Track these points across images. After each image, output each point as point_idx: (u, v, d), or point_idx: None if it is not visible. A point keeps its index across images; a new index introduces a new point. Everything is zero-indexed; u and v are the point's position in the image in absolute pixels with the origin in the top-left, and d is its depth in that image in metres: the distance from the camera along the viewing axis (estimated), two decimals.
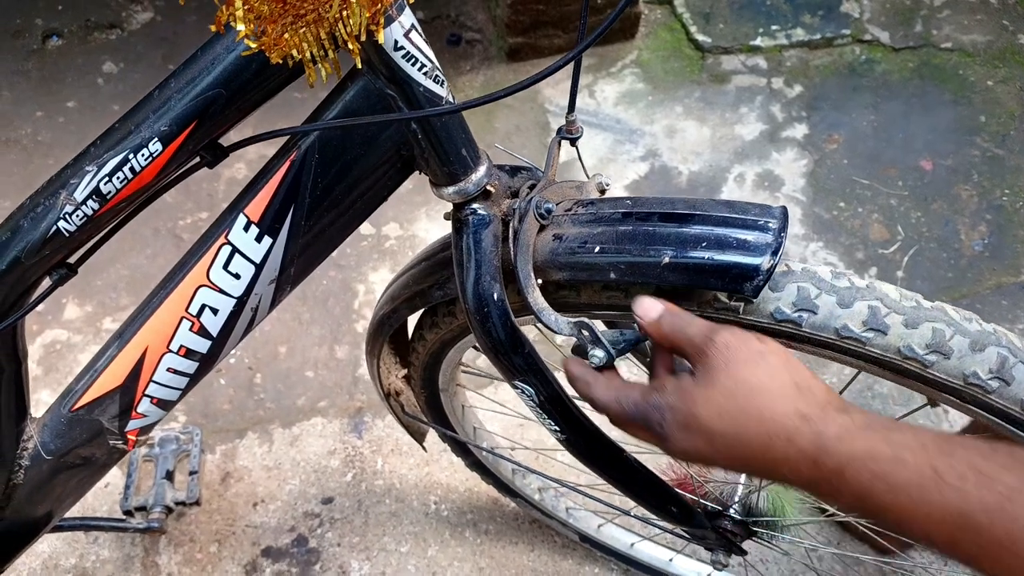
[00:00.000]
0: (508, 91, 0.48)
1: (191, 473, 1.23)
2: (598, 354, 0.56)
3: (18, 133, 1.77)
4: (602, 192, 0.67)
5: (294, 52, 0.46)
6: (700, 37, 1.88)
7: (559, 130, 0.65)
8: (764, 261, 0.52)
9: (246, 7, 0.44)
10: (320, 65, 0.47)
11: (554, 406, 0.65)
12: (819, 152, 1.70)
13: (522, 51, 1.84)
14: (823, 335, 0.55)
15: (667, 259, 0.55)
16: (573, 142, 0.65)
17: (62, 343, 1.46)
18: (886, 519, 0.39)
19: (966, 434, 0.91)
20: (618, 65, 1.86)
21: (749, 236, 0.54)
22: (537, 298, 0.60)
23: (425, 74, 0.53)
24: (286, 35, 0.45)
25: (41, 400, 1.38)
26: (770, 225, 0.54)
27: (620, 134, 1.74)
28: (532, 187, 0.64)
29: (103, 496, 1.28)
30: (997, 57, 1.84)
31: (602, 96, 1.81)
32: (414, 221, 1.61)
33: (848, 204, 1.62)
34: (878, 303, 0.55)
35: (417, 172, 0.62)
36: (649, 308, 0.52)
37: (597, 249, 0.58)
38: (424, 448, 1.09)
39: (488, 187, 0.61)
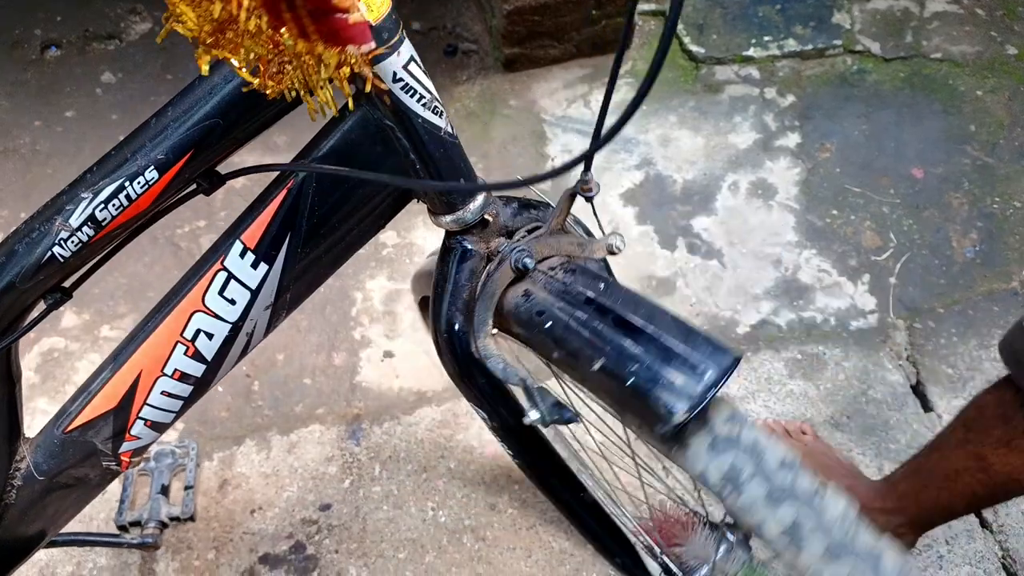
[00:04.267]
0: (532, 180, 0.48)
1: (187, 488, 1.23)
2: (532, 415, 0.58)
3: (17, 143, 1.78)
4: (612, 253, 0.65)
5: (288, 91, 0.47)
6: (694, 48, 1.91)
7: (575, 186, 0.62)
8: (679, 414, 0.50)
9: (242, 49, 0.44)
10: (317, 97, 0.48)
11: (506, 433, 0.66)
12: (812, 161, 1.72)
13: (518, 61, 1.86)
14: (740, 517, 0.52)
15: (598, 365, 0.55)
16: (588, 200, 0.63)
17: (59, 351, 1.46)
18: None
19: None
20: None
21: (679, 379, 0.51)
22: (487, 345, 0.62)
23: (424, 105, 0.54)
24: (281, 73, 0.46)
25: (38, 408, 1.38)
26: (706, 375, 0.51)
27: (615, 143, 1.75)
28: (532, 231, 0.63)
29: (100, 504, 1.28)
30: (986, 67, 1.86)
31: (597, 106, 1.82)
32: (411, 229, 1.62)
33: (841, 212, 1.64)
34: (810, 515, 0.49)
35: (415, 200, 0.63)
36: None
37: (548, 324, 0.58)
38: None
39: (486, 216, 0.62)
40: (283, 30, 0.43)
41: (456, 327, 0.64)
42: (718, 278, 1.54)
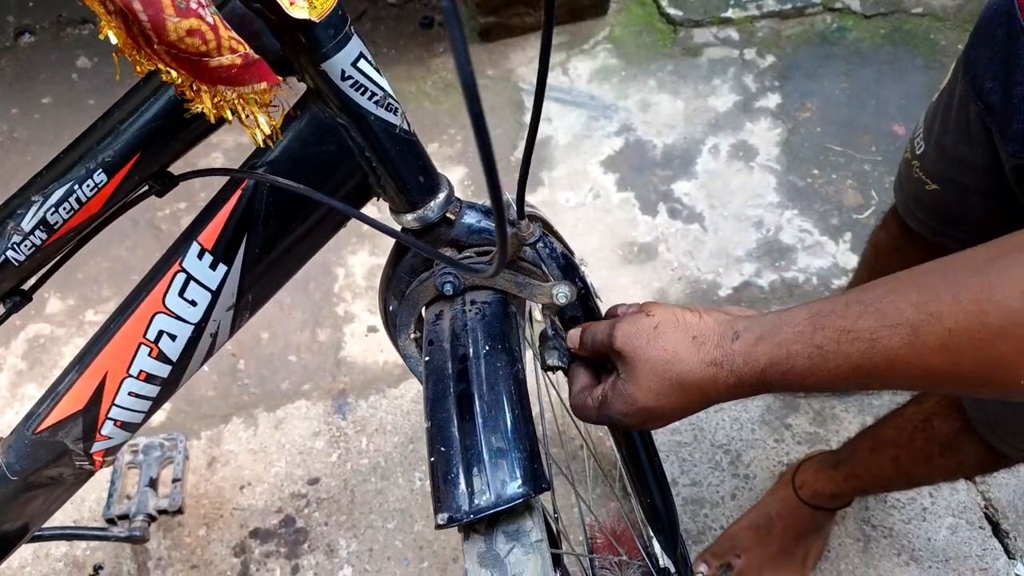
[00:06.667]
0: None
1: (174, 481, 1.24)
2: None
3: None
4: (555, 304, 0.63)
5: (227, 113, 0.46)
6: (672, 11, 1.89)
7: (516, 229, 0.60)
8: (439, 518, 0.50)
9: (168, 67, 0.43)
10: (253, 120, 0.47)
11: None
12: (792, 121, 1.71)
13: (494, 31, 1.85)
14: None
15: (427, 425, 0.56)
16: (531, 246, 0.61)
17: (45, 337, 1.47)
18: (810, 390, 0.49)
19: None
20: (591, 42, 1.87)
21: (459, 488, 0.51)
22: (408, 345, 0.65)
23: (376, 103, 0.52)
24: (199, 94, 0.45)
25: (27, 394, 1.39)
26: (482, 499, 0.50)
27: (594, 110, 1.74)
28: (483, 253, 0.61)
29: (90, 489, 1.29)
30: (967, 21, 1.84)
31: (575, 73, 1.81)
32: None
33: (822, 171, 1.63)
34: None
35: (375, 199, 0.62)
36: (572, 337, 0.61)
37: (427, 359, 0.59)
38: None
39: (449, 214, 0.61)
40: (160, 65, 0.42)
41: (391, 309, 0.67)
42: (700, 242, 1.54)
